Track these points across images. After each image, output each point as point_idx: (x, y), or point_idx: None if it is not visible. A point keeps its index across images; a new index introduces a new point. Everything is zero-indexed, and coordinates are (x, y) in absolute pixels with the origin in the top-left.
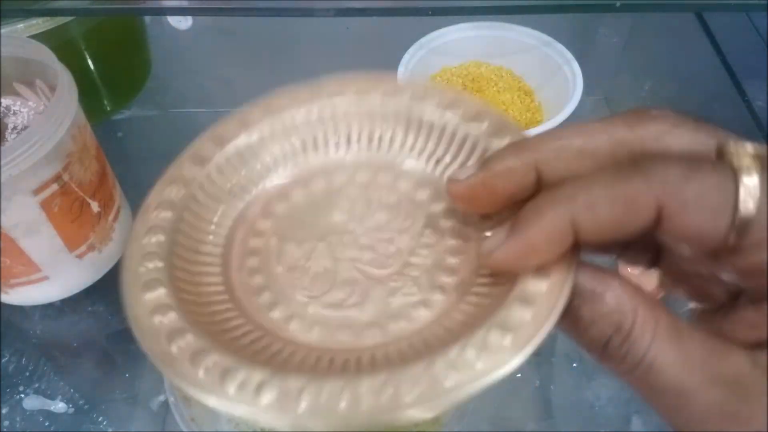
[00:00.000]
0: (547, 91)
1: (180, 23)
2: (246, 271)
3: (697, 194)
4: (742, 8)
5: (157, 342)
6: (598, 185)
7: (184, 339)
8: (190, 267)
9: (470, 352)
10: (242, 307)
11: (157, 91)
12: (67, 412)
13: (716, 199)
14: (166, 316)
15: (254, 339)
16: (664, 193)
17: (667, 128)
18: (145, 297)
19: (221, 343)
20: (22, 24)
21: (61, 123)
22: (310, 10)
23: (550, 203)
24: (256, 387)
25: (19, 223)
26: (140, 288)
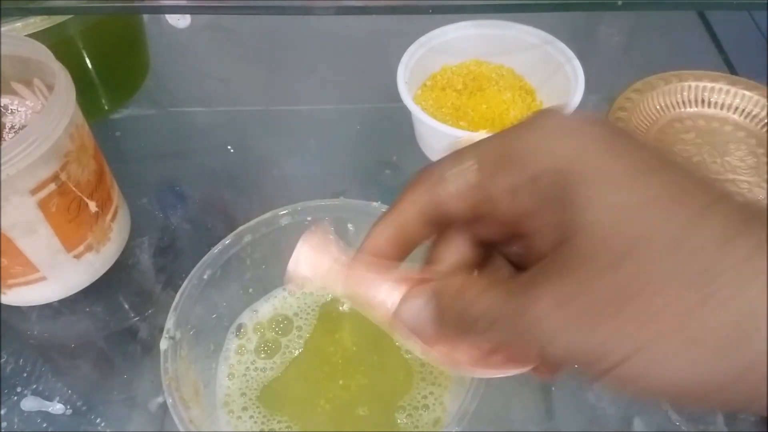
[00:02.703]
0: (548, 89)
1: (178, 22)
2: None
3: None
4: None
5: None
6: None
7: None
8: None
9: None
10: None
11: (156, 90)
12: (65, 414)
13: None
14: None
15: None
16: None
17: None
18: None
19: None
20: (20, 23)
21: (58, 122)
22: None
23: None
24: None
25: (16, 223)
26: None
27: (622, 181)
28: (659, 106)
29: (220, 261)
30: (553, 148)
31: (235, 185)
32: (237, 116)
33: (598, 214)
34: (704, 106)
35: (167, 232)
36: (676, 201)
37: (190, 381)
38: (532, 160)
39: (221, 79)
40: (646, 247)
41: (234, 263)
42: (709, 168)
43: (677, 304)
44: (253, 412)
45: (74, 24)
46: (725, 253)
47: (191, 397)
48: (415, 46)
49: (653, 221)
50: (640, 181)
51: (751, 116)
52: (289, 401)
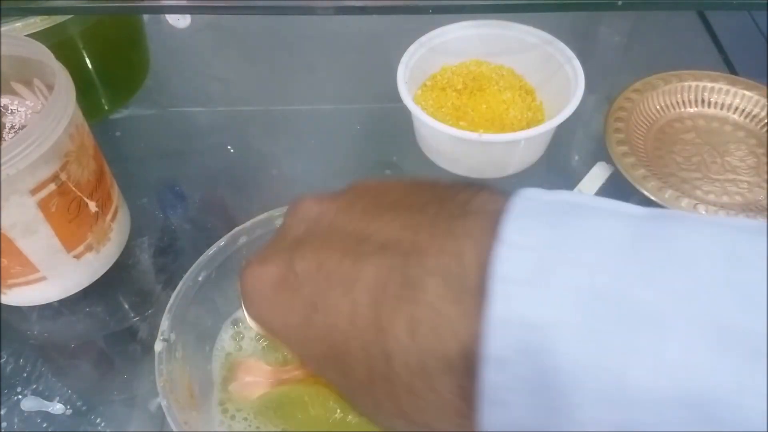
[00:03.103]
0: (548, 89)
1: (178, 21)
2: None
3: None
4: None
5: None
6: None
7: None
8: None
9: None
10: None
11: (156, 90)
12: (65, 414)
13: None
14: None
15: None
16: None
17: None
18: None
19: None
20: (20, 23)
21: (58, 122)
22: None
23: None
24: None
25: (16, 223)
26: None
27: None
28: (659, 106)
29: (215, 263)
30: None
31: (235, 185)
32: (237, 116)
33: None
34: (704, 106)
35: (167, 232)
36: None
37: (185, 383)
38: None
39: (221, 79)
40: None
41: (229, 265)
42: (709, 168)
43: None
44: (248, 413)
45: (74, 24)
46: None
47: (186, 399)
48: (415, 46)
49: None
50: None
51: (751, 116)
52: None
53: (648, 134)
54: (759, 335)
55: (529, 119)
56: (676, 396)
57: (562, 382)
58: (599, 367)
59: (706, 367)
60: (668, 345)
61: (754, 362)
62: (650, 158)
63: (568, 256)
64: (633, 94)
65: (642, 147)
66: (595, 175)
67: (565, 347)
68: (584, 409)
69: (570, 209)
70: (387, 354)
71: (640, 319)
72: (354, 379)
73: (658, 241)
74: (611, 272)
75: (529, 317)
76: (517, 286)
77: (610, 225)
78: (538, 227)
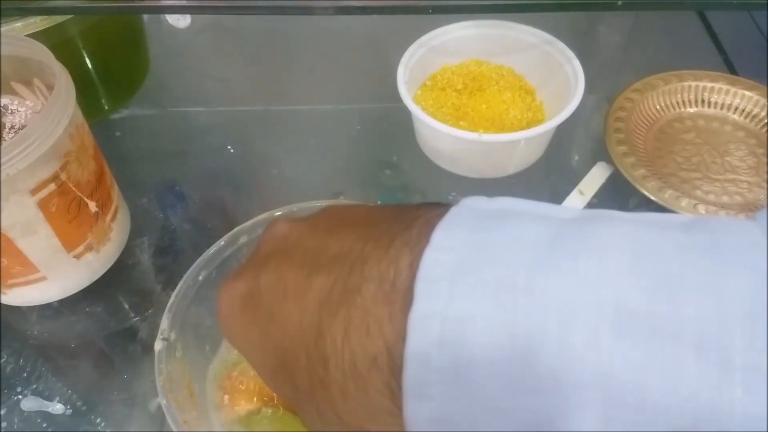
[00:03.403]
0: (548, 90)
1: (178, 21)
2: None
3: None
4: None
5: None
6: None
7: None
8: None
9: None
10: None
11: (156, 90)
12: (65, 414)
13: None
14: None
15: None
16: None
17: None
18: None
19: None
20: (20, 23)
21: (58, 122)
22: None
23: None
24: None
25: (16, 223)
26: None
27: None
28: (659, 106)
29: (215, 262)
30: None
31: (235, 185)
32: (237, 116)
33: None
34: (704, 106)
35: (167, 232)
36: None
37: (185, 383)
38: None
39: (221, 79)
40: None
41: (229, 264)
42: (709, 168)
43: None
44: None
45: (74, 24)
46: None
47: (185, 398)
48: (415, 46)
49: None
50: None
51: (751, 116)
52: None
53: (648, 134)
54: (659, 316)
55: (529, 119)
56: (582, 379)
57: (478, 372)
58: (510, 356)
59: (609, 350)
60: (574, 330)
61: (655, 342)
62: (650, 158)
63: (486, 256)
64: (633, 94)
65: (642, 147)
66: (595, 175)
67: (478, 339)
68: (501, 398)
69: (500, 215)
70: (324, 358)
71: (548, 307)
72: (300, 390)
73: (574, 238)
74: (524, 266)
75: (447, 312)
76: (437, 285)
77: (533, 228)
78: (464, 232)
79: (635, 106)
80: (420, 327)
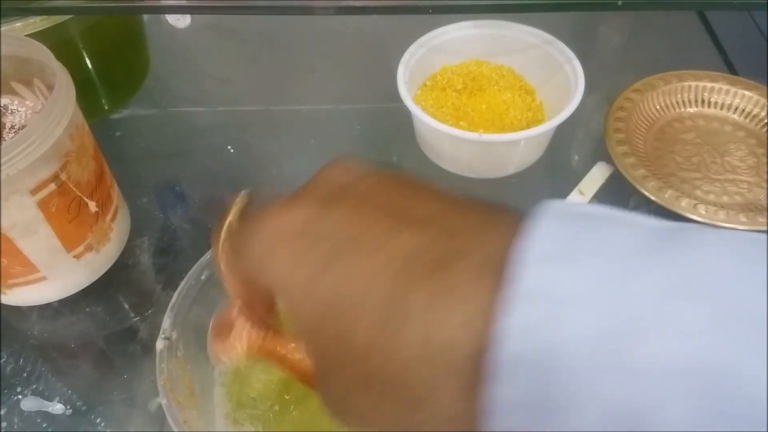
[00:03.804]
0: (548, 90)
1: (178, 21)
2: None
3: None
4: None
5: None
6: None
7: None
8: None
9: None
10: None
11: (156, 90)
12: (65, 414)
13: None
14: None
15: None
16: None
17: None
18: None
19: None
20: (20, 23)
21: (58, 122)
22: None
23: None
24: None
25: (16, 223)
26: None
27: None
28: (659, 106)
29: None
30: (253, 250)
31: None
32: (237, 116)
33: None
34: (704, 106)
35: (167, 232)
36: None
37: (186, 382)
38: (244, 268)
39: (221, 79)
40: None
41: None
42: (709, 168)
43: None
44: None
45: (74, 24)
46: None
47: (186, 398)
48: (415, 46)
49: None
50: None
51: (751, 116)
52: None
53: (648, 134)
54: (759, 309)
55: (529, 119)
56: (678, 368)
57: (574, 356)
58: (608, 341)
59: (706, 339)
60: (671, 318)
61: (753, 333)
62: (650, 158)
63: (588, 245)
64: (633, 94)
65: (642, 147)
66: (595, 175)
67: (580, 322)
68: (593, 384)
69: (591, 216)
70: (394, 337)
71: (648, 296)
72: (343, 349)
73: (672, 242)
74: (626, 258)
75: (551, 293)
76: (537, 266)
77: (628, 228)
78: (561, 225)
79: (635, 106)
80: (522, 304)
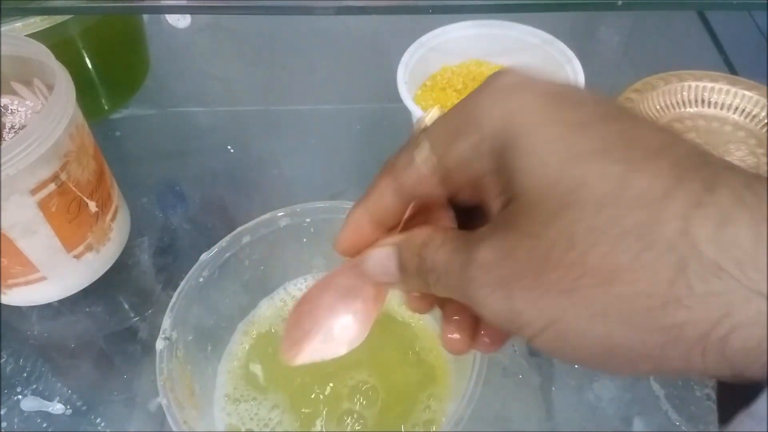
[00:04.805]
0: None
1: (178, 22)
2: None
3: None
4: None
5: None
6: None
7: None
8: None
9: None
10: None
11: (156, 90)
12: (65, 414)
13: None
14: None
15: None
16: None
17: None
18: None
19: None
20: (20, 23)
21: (58, 122)
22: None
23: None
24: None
25: (16, 223)
26: None
27: (562, 132)
28: (659, 106)
29: (218, 262)
30: (496, 109)
31: (235, 185)
32: (237, 116)
33: (535, 169)
34: (704, 106)
35: (167, 232)
36: (619, 149)
37: (186, 382)
38: (478, 124)
39: (221, 79)
40: (579, 202)
41: (232, 264)
42: None
43: (601, 267)
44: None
45: (74, 24)
46: (666, 202)
47: (186, 398)
48: (415, 46)
49: (591, 172)
50: (581, 133)
51: (751, 116)
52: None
53: None
54: None
55: None
56: None
57: None
58: None
59: None
60: None
61: None
62: None
63: None
64: (633, 94)
65: None
66: None
67: None
68: None
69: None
70: (690, 240)
71: None
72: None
73: None
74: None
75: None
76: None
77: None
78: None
79: (635, 106)
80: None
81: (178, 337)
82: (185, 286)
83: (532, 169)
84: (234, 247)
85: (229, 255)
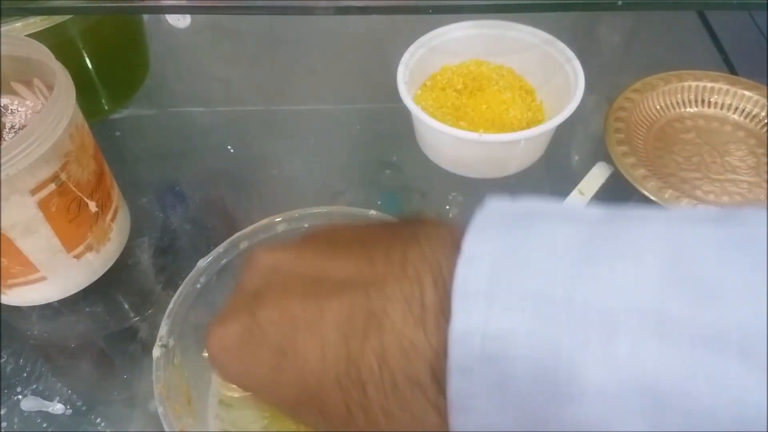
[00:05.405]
0: (548, 90)
1: (178, 22)
2: None
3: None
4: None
5: None
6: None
7: None
8: None
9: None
10: None
11: (156, 90)
12: (65, 414)
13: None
14: None
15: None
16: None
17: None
18: None
19: None
20: (20, 23)
21: (58, 122)
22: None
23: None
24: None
25: (16, 223)
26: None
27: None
28: (659, 106)
29: (215, 268)
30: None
31: (235, 185)
32: (237, 116)
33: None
34: (704, 106)
35: (167, 232)
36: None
37: (183, 390)
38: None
39: (221, 79)
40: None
41: (229, 270)
42: (709, 168)
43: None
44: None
45: (74, 24)
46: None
47: (183, 406)
48: (415, 46)
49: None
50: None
51: (751, 116)
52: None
53: (648, 134)
54: (702, 322)
55: (529, 119)
56: (629, 389)
57: (520, 385)
58: (554, 369)
59: (654, 359)
60: (617, 340)
61: (699, 349)
62: (650, 158)
63: (520, 264)
64: (633, 94)
65: (642, 147)
66: (595, 175)
67: (521, 353)
68: (545, 409)
69: (527, 218)
70: (361, 383)
71: (590, 319)
72: (332, 415)
73: (608, 242)
74: (561, 276)
75: (486, 328)
76: (474, 300)
77: (564, 231)
78: (494, 239)
79: (635, 106)
80: (460, 343)
81: (175, 345)
82: (182, 293)
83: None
84: (231, 253)
85: (227, 261)
